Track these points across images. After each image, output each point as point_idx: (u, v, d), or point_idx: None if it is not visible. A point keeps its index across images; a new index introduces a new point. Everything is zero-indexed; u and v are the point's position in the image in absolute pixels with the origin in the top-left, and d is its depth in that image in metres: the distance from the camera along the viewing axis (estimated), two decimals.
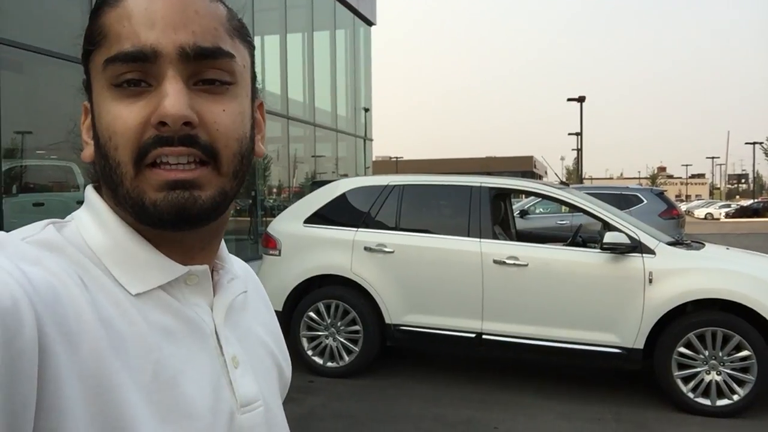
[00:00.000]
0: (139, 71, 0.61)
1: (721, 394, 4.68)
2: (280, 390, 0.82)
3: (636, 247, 4.88)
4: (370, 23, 21.53)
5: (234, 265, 0.78)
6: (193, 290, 0.69)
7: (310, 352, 5.53)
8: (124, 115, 0.61)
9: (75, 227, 0.66)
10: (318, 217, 5.78)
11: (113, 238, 0.65)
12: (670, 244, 5.06)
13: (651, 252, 4.87)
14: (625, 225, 5.05)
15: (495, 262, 5.16)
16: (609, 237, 4.90)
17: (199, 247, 0.69)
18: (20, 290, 0.52)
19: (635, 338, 4.81)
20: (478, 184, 5.50)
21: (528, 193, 6.33)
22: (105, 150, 0.63)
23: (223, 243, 0.75)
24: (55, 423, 0.53)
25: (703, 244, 5.48)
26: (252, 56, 0.71)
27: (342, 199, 5.81)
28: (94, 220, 0.66)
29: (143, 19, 0.61)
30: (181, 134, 0.60)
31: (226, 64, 0.64)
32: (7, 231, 0.64)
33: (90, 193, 0.69)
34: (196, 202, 0.62)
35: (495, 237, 5.38)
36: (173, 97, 0.60)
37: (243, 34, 0.69)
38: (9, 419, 0.49)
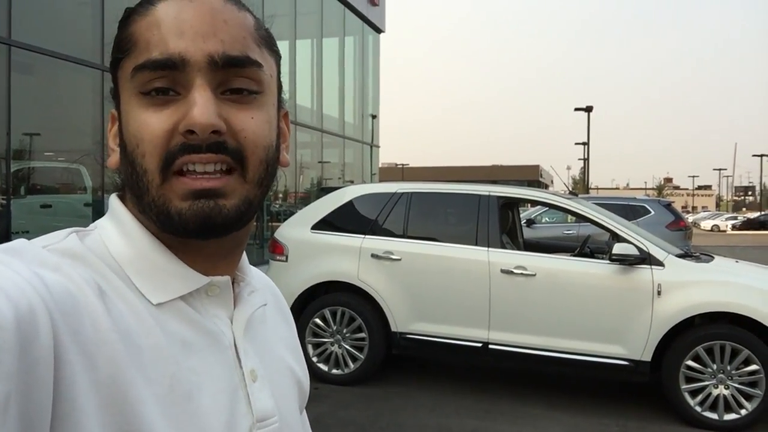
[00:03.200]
0: (167, 79, 0.61)
1: (728, 409, 4.65)
2: (299, 402, 0.81)
3: (645, 258, 4.86)
4: (379, 30, 21.60)
5: (254, 277, 0.78)
6: (214, 302, 0.68)
7: (315, 359, 5.52)
8: (152, 123, 0.61)
9: (98, 236, 0.66)
10: (325, 224, 5.78)
11: (136, 247, 0.65)
12: (679, 256, 5.03)
13: (660, 264, 4.85)
14: (634, 236, 5.03)
15: (503, 271, 5.14)
16: (618, 248, 4.88)
17: (221, 255, 0.68)
18: (37, 297, 0.52)
19: (643, 351, 4.78)
20: (487, 193, 5.49)
21: (537, 203, 6.32)
22: (132, 157, 0.62)
23: (244, 255, 0.75)
24: (70, 431, 0.52)
25: (712, 257, 5.45)
26: (278, 66, 0.71)
27: (349, 205, 5.81)
28: (117, 229, 0.66)
29: (172, 28, 0.61)
30: (210, 142, 0.60)
31: (254, 73, 0.64)
32: (14, 232, 0.64)
33: (114, 201, 0.69)
34: (221, 211, 0.61)
35: (503, 246, 5.36)
36: (202, 106, 0.60)
37: (270, 43, 0.69)
38: (25, 427, 0.49)
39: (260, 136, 0.64)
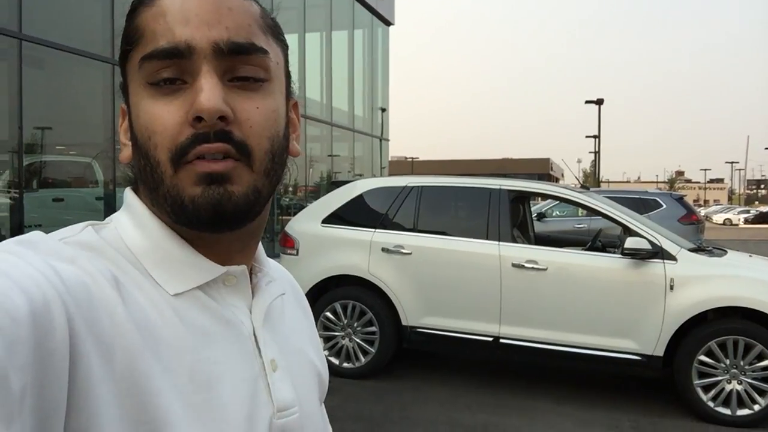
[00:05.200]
0: (174, 68, 0.61)
1: (741, 404, 4.61)
2: (319, 394, 0.81)
3: (657, 252, 4.82)
4: (388, 23, 21.53)
5: (272, 268, 0.78)
6: (232, 291, 0.68)
7: (326, 353, 5.52)
8: (163, 114, 0.61)
9: (114, 228, 0.66)
10: (336, 218, 5.77)
11: (152, 239, 0.65)
12: (691, 250, 4.99)
13: (672, 258, 4.81)
14: (647, 230, 4.99)
15: (514, 265, 5.12)
16: (630, 242, 4.84)
17: (236, 249, 0.68)
18: (52, 290, 0.52)
19: (655, 345, 4.75)
20: (498, 187, 5.47)
21: (548, 197, 6.28)
22: (144, 150, 0.62)
23: (260, 246, 0.75)
24: (86, 423, 0.52)
25: (725, 251, 5.40)
26: (286, 55, 0.71)
27: (360, 199, 5.80)
28: (132, 222, 0.66)
29: (178, 17, 0.61)
30: (217, 129, 0.60)
31: (260, 61, 0.64)
32: (27, 225, 0.64)
33: (129, 194, 0.69)
34: (231, 198, 0.61)
35: (514, 240, 5.34)
36: (208, 92, 0.60)
37: (276, 32, 0.69)
38: (40, 419, 0.49)
39: (265, 126, 0.64)
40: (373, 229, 5.60)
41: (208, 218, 0.61)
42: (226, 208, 0.61)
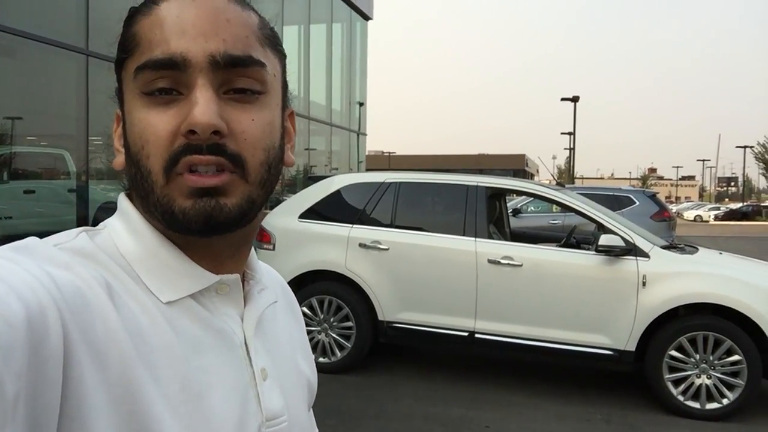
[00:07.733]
0: (169, 79, 0.61)
1: (710, 398, 4.72)
2: (307, 401, 0.82)
3: (630, 250, 4.90)
4: (366, 17, 21.48)
5: (264, 274, 0.78)
6: (224, 300, 0.68)
7: None
8: (156, 124, 0.61)
9: (108, 234, 0.66)
10: (313, 213, 5.76)
11: (145, 246, 0.65)
12: (664, 247, 5.08)
13: (645, 255, 4.89)
14: (621, 228, 5.07)
15: (490, 261, 5.17)
16: (604, 239, 4.91)
17: (228, 253, 0.68)
18: (47, 296, 0.52)
19: (627, 340, 4.83)
20: (475, 184, 5.50)
21: (524, 194, 6.34)
22: (137, 158, 0.62)
23: (253, 251, 0.75)
24: (78, 430, 0.52)
25: (697, 249, 5.51)
26: (283, 65, 0.70)
27: (337, 195, 5.80)
28: (126, 228, 0.66)
29: (174, 27, 0.61)
30: (210, 143, 0.60)
31: (257, 73, 0.64)
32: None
33: (122, 200, 0.69)
34: (222, 210, 0.61)
35: (490, 236, 5.38)
36: (203, 106, 0.59)
37: (274, 43, 0.68)
38: (32, 426, 0.49)
39: (260, 138, 0.64)
40: (350, 225, 5.60)
41: (198, 228, 0.61)
42: (217, 220, 0.61)
